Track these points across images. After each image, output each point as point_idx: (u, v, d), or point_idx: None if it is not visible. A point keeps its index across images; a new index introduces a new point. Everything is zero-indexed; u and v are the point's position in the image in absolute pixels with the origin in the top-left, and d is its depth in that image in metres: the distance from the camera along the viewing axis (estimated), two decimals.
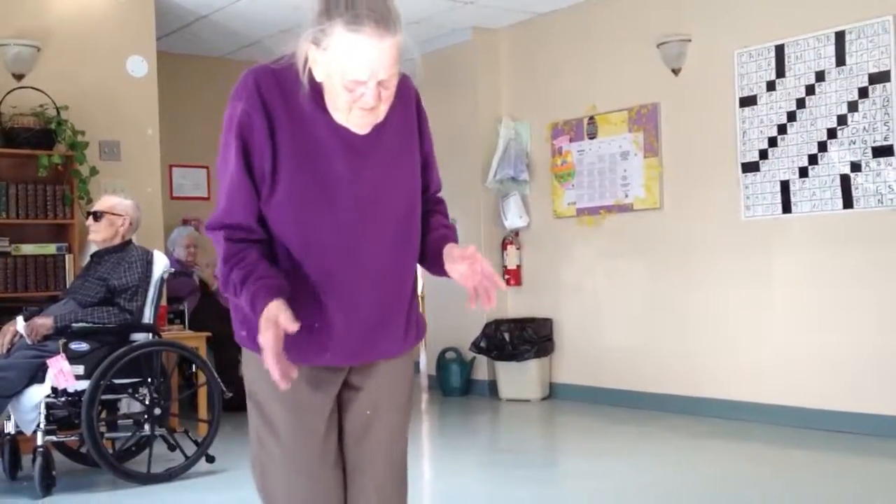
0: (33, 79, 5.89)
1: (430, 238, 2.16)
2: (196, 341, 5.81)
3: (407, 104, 2.11)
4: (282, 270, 2.00)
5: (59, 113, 5.83)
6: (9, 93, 5.75)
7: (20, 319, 4.63)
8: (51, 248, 5.85)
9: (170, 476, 4.75)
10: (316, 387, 2.08)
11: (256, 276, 1.93)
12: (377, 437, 2.16)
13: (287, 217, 1.98)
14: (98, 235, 4.86)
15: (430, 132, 2.20)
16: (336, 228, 1.99)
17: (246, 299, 1.93)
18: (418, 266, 2.22)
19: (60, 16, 6.12)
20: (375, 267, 2.05)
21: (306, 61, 1.92)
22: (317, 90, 1.97)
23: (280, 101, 1.96)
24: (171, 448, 4.83)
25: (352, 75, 1.87)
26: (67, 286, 5.69)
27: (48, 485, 4.44)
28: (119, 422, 4.85)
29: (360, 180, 2.00)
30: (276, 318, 1.86)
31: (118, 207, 4.89)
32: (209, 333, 6.07)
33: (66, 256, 5.85)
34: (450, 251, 2.08)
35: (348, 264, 2.01)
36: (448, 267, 2.08)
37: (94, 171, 5.90)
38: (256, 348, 2.02)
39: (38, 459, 4.41)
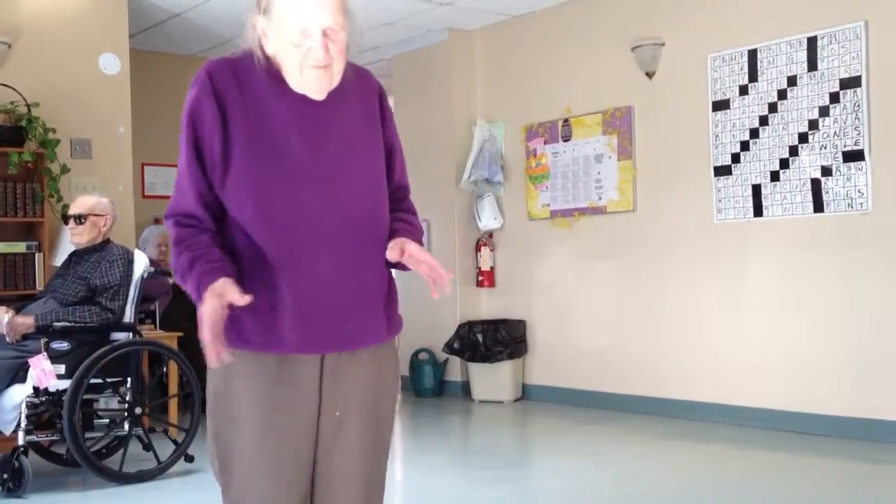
0: (4, 75, 5.83)
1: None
2: (167, 341, 5.76)
3: (368, 94, 2.12)
4: (243, 257, 1.99)
5: (29, 110, 5.77)
6: None
7: (6, 318, 4.57)
8: (20, 247, 5.78)
9: (150, 475, 4.73)
10: (284, 379, 2.00)
11: (206, 259, 1.94)
12: (347, 446, 2.06)
13: (246, 198, 1.97)
14: (82, 238, 4.83)
15: (394, 125, 2.19)
16: (296, 206, 1.97)
17: (193, 282, 1.93)
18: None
19: (32, 12, 6.05)
20: (339, 246, 2.00)
21: (257, 35, 1.96)
22: (274, 73, 1.99)
23: (234, 86, 1.98)
24: (147, 448, 4.81)
25: (296, 26, 1.90)
26: (37, 285, 5.65)
27: (22, 485, 4.40)
28: (94, 421, 4.82)
29: (320, 158, 1.99)
30: (223, 292, 1.87)
31: (98, 208, 4.86)
32: (180, 333, 6.03)
33: (37, 255, 5.79)
34: (390, 245, 2.06)
35: (310, 243, 1.98)
36: (390, 256, 2.05)
37: (65, 169, 5.85)
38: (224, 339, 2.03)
39: (22, 459, 4.37)
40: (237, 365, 2.00)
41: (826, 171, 5.45)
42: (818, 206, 5.49)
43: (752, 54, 5.79)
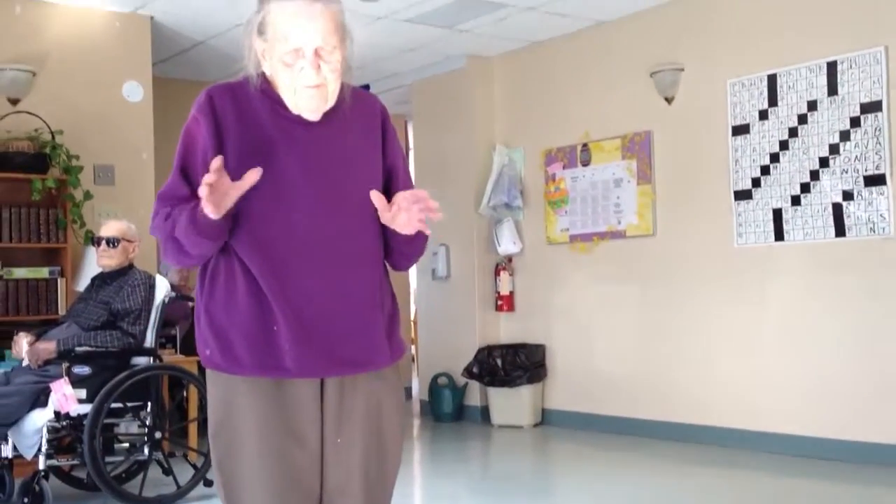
0: (29, 103, 5.90)
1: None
2: (187, 366, 5.78)
3: (371, 116, 2.14)
4: (237, 282, 2.00)
5: (53, 137, 5.83)
6: (3, 117, 5.76)
7: (25, 343, 4.61)
8: (43, 272, 5.83)
9: (170, 500, 4.73)
10: (283, 404, 2.01)
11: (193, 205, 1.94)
12: (350, 472, 2.05)
13: (238, 221, 1.99)
14: (113, 261, 4.87)
15: (399, 147, 2.21)
16: (288, 228, 1.98)
17: (187, 217, 1.92)
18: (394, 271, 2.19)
19: (56, 41, 6.13)
20: (332, 270, 2.01)
21: (254, 54, 2.01)
22: (271, 95, 2.02)
23: (232, 108, 2.02)
24: (166, 472, 4.81)
25: (287, 44, 1.93)
26: (59, 310, 5.69)
27: None
28: (115, 445, 4.84)
29: (314, 182, 2.01)
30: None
31: (129, 233, 4.93)
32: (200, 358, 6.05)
33: (59, 280, 5.83)
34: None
35: (303, 267, 1.98)
36: (385, 219, 2.01)
37: (88, 196, 5.90)
38: (221, 365, 2.03)
39: (43, 484, 4.40)
40: (235, 391, 2.01)
41: (847, 196, 5.43)
42: (840, 231, 5.46)
43: (772, 79, 5.78)
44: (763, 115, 5.84)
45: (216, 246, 2.00)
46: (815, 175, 5.59)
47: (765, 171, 5.83)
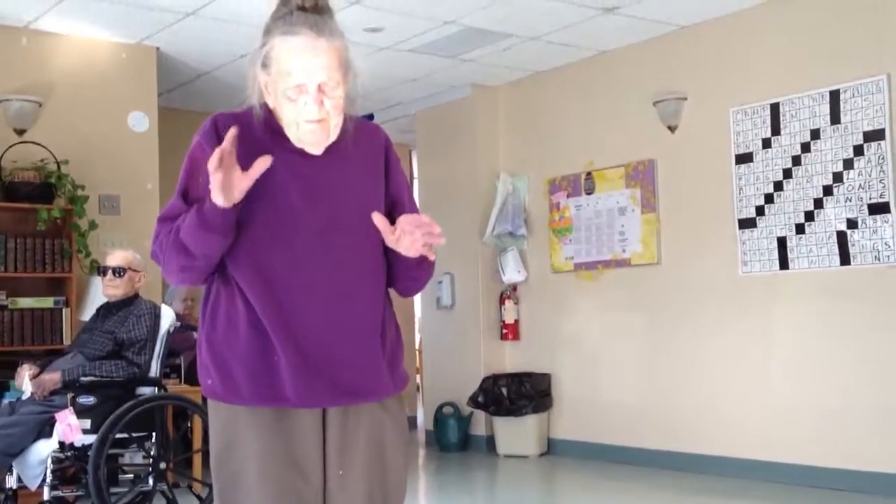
0: (34, 133, 5.93)
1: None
2: (192, 396, 5.76)
3: (374, 147, 2.15)
4: (238, 313, 2.00)
5: (59, 167, 5.85)
6: (9, 147, 5.79)
7: (27, 376, 4.61)
8: (48, 302, 5.84)
9: None
10: (284, 434, 2.00)
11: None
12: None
13: (240, 251, 1.99)
14: (118, 291, 4.87)
15: (403, 176, 2.20)
16: (290, 259, 1.99)
17: (194, 212, 1.93)
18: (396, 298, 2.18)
19: (62, 71, 6.18)
20: (334, 300, 2.01)
21: (258, 86, 2.01)
22: (274, 128, 2.03)
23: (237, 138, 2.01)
24: (171, 503, 4.79)
25: (290, 80, 1.93)
26: (64, 340, 5.69)
27: None
28: (119, 476, 4.81)
29: (317, 213, 2.01)
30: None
31: (135, 263, 4.93)
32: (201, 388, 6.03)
33: (64, 310, 5.83)
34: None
35: (304, 298, 1.99)
36: (390, 242, 2.00)
37: (93, 225, 5.92)
38: (221, 395, 2.02)
39: None
40: (236, 421, 2.01)
41: (852, 224, 5.43)
42: (844, 259, 5.45)
43: (775, 108, 5.80)
44: (766, 144, 5.85)
45: (221, 245, 1.97)
46: (819, 203, 5.59)
47: (769, 199, 5.84)
